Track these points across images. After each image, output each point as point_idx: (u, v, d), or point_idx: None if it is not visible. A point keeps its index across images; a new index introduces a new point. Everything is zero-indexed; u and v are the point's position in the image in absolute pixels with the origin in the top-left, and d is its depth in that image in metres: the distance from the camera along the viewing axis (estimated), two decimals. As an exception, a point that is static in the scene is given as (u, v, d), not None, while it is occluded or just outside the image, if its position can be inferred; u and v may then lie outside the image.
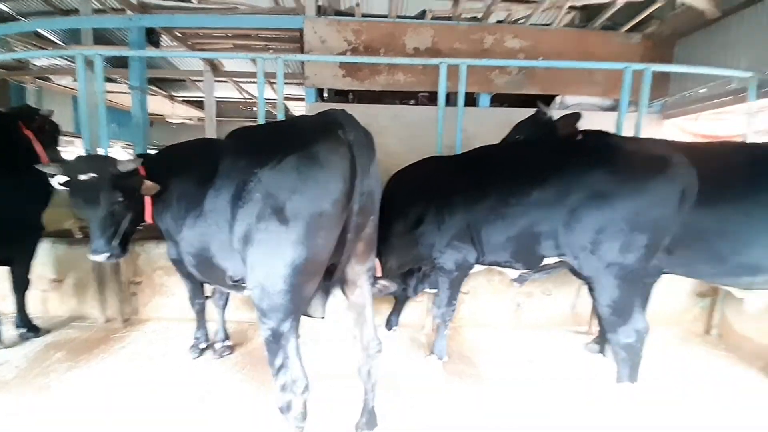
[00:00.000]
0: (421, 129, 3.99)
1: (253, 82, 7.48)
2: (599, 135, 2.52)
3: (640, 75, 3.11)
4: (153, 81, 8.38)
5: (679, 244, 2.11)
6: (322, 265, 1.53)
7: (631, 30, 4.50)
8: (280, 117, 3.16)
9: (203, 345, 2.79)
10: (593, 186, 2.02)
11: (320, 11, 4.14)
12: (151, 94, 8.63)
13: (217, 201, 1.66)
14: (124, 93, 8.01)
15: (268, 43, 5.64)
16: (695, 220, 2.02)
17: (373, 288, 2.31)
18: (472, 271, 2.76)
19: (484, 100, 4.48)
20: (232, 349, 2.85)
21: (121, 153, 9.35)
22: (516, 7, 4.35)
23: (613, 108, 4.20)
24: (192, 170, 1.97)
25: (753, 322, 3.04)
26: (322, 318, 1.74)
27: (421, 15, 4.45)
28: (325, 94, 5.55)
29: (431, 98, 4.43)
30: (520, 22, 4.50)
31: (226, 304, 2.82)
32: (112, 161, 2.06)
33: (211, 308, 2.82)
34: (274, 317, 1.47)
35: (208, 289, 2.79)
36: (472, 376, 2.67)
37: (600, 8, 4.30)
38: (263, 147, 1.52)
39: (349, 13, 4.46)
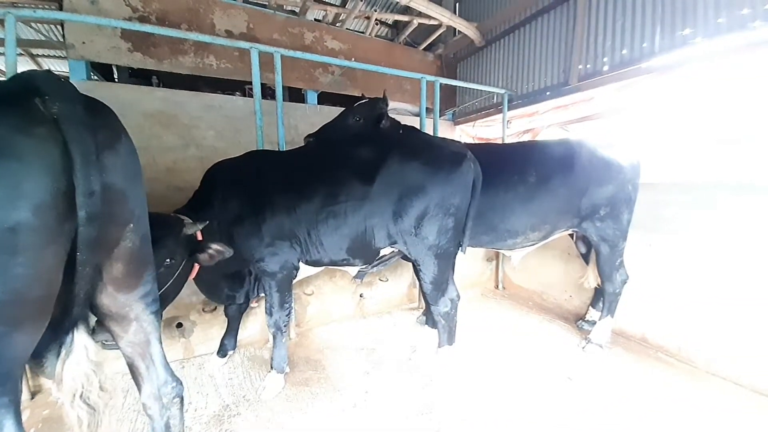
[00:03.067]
0: (245, 123, 3.59)
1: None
2: (415, 132, 2.84)
3: (437, 87, 3.71)
4: None
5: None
6: (35, 305, 1.03)
7: (426, 49, 5.39)
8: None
9: None
10: (415, 178, 2.19)
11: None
12: None
13: None
14: None
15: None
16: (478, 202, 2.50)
17: (203, 255, 1.94)
18: (313, 272, 2.61)
19: (312, 97, 4.45)
20: None
21: None
22: (330, 9, 4.49)
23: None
24: None
25: (521, 275, 4.16)
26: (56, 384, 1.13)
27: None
28: (116, 75, 4.35)
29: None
30: (337, 25, 4.67)
31: None
32: None
33: None
34: None
35: None
36: (320, 380, 2.55)
37: (404, 26, 4.95)
38: None
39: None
